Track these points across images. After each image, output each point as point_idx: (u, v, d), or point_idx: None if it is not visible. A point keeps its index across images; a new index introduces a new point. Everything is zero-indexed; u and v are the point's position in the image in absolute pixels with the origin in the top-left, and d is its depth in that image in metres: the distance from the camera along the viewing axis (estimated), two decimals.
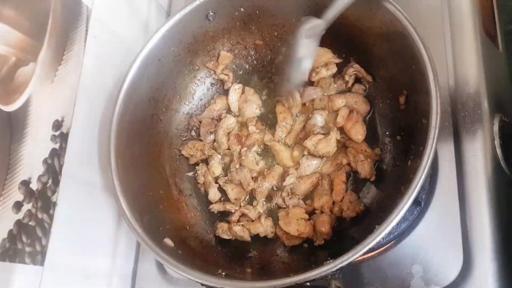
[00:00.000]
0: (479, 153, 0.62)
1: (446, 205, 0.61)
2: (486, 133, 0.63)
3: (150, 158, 0.71)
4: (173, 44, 0.71)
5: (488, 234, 0.59)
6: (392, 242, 0.62)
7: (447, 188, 0.62)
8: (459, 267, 0.58)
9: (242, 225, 0.68)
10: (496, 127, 0.64)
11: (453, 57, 0.67)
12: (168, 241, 0.61)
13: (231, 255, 0.66)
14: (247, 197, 0.72)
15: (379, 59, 0.66)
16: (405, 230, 0.62)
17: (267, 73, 0.78)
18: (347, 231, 0.63)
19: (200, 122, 0.78)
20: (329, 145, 0.67)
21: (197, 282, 0.54)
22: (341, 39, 0.69)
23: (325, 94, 0.72)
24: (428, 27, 0.68)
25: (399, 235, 0.62)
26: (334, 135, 0.68)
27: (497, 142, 0.63)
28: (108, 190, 0.70)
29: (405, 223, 0.62)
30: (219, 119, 0.77)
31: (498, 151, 0.63)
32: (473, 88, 0.65)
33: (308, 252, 0.64)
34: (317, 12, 0.67)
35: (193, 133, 0.78)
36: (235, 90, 0.77)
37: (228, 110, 0.78)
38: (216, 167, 0.74)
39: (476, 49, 0.66)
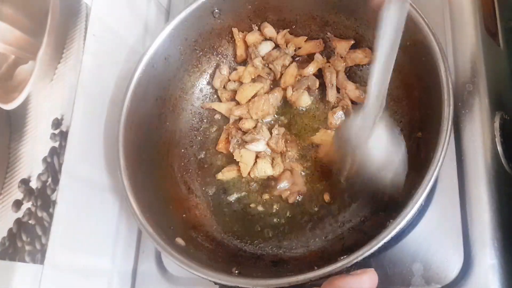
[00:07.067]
0: (479, 150, 0.62)
1: (447, 203, 0.61)
2: (486, 131, 0.63)
3: (159, 158, 0.71)
4: (179, 42, 0.71)
5: (489, 232, 0.58)
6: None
7: (447, 186, 0.62)
8: (459, 265, 0.58)
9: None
10: (497, 125, 0.64)
11: (454, 53, 0.67)
12: (179, 241, 0.61)
13: (243, 253, 0.66)
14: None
15: None
16: (406, 229, 0.62)
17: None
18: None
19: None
20: None
21: (210, 281, 0.54)
22: (349, 33, 0.71)
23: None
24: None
25: (399, 233, 0.62)
26: None
27: (497, 139, 0.63)
28: (109, 189, 0.70)
29: None
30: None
31: (499, 148, 0.63)
32: (473, 85, 0.64)
33: (322, 249, 0.64)
34: (324, 6, 0.67)
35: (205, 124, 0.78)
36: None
37: None
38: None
39: (477, 46, 0.66)
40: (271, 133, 0.72)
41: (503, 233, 0.59)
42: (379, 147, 0.57)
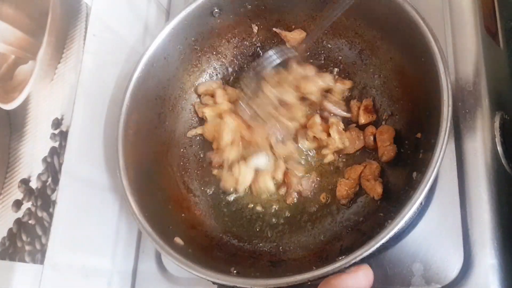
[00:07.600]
0: (479, 150, 0.62)
1: (447, 203, 0.61)
2: (486, 131, 0.63)
3: (158, 157, 0.71)
4: (179, 42, 0.71)
5: (489, 232, 0.58)
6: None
7: (447, 186, 0.61)
8: (460, 265, 0.58)
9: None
10: (497, 125, 0.64)
11: (454, 54, 0.67)
12: (178, 240, 0.61)
13: (242, 253, 0.66)
14: None
15: (387, 53, 0.67)
16: (406, 228, 0.62)
17: None
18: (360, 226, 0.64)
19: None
20: None
21: (209, 280, 0.54)
22: (348, 34, 0.71)
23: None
24: None
25: (399, 233, 0.62)
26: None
27: (497, 139, 0.63)
28: (109, 189, 0.70)
29: None
30: None
31: (499, 148, 0.63)
32: (473, 85, 0.64)
33: (321, 249, 0.64)
34: (324, 6, 0.68)
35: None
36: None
37: None
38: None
39: (477, 46, 0.66)
40: None
41: (503, 233, 0.59)
42: None
